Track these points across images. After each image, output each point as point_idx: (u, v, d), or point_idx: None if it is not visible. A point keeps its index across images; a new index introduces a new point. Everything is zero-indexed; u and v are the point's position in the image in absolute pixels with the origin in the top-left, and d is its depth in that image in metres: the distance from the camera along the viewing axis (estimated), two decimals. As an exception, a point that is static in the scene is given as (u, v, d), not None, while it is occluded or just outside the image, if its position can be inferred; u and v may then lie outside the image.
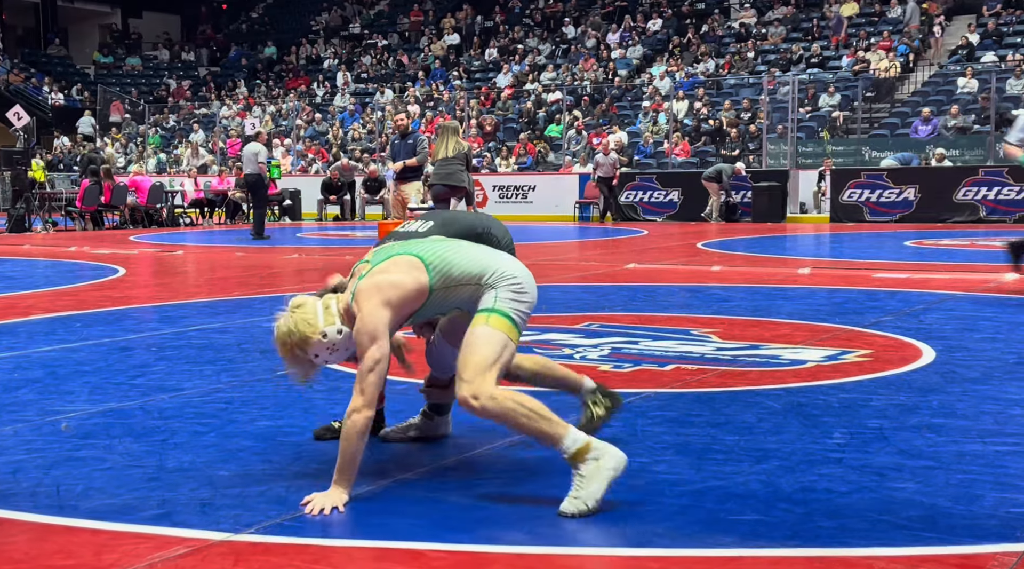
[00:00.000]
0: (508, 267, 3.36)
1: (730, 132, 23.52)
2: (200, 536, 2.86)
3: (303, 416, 4.33)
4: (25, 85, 35.21)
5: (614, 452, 3.09)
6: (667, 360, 5.52)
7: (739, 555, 2.70)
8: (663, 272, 10.66)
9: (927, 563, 2.62)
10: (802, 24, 28.12)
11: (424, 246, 3.37)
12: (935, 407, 4.42)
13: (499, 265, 3.35)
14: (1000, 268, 10.37)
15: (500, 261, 3.38)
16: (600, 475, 3.03)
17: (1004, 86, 22.25)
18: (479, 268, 3.31)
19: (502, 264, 3.36)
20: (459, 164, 11.85)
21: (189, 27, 43.09)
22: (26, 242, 17.09)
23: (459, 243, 3.45)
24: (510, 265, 3.39)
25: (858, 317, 7.07)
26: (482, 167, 24.83)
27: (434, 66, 32.60)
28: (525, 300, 3.33)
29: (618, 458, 3.07)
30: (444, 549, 2.77)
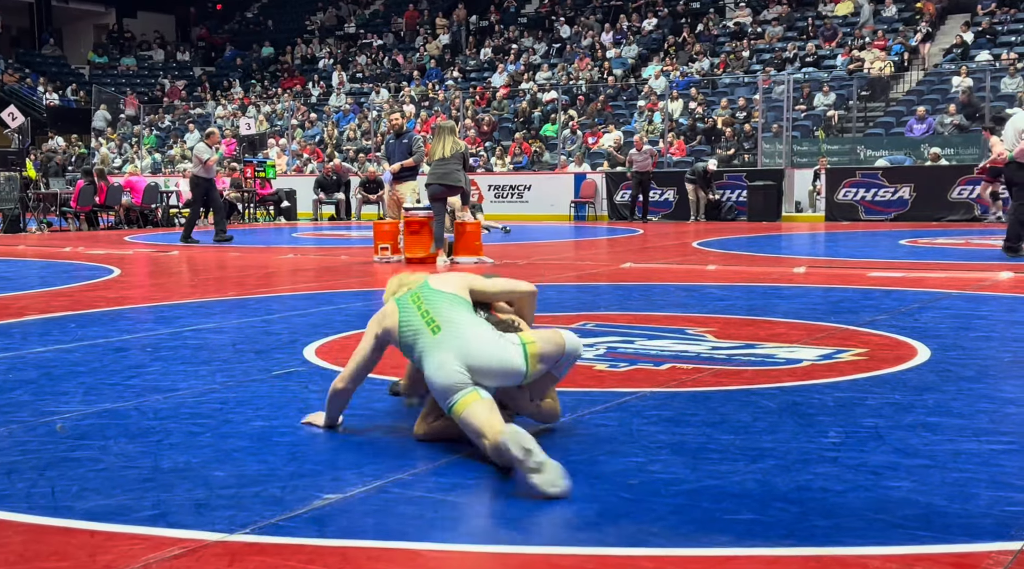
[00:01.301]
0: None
1: (725, 131, 23.54)
2: (195, 537, 2.86)
3: (298, 416, 4.33)
4: (20, 85, 35.15)
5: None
6: (663, 359, 5.52)
7: (735, 554, 2.70)
8: (659, 271, 10.66)
9: (922, 562, 2.62)
10: (797, 23, 28.15)
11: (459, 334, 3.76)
12: (930, 406, 4.42)
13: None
14: (995, 266, 10.38)
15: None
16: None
17: (999, 85, 22.29)
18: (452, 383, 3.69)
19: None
20: (456, 164, 11.86)
21: (184, 27, 43.03)
22: (21, 242, 17.06)
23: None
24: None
25: (853, 316, 7.08)
26: (478, 166, 24.83)
27: (429, 66, 32.60)
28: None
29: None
30: (440, 549, 2.77)
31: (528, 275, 10.42)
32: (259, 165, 23.70)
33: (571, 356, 3.84)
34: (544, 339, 3.77)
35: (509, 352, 3.68)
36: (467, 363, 3.65)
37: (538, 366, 3.73)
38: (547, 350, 3.74)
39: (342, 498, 3.19)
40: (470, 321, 3.77)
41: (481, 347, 3.68)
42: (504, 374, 3.68)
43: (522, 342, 3.72)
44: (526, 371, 3.70)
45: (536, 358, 3.71)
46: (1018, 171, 11.21)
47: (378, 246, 12.61)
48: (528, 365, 3.70)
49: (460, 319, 3.77)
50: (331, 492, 3.24)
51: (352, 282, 10.03)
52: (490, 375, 3.67)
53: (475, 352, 3.66)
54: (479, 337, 3.71)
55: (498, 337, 3.73)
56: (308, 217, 24.72)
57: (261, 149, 28.66)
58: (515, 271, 10.93)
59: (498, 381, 3.70)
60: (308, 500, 3.16)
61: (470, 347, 3.67)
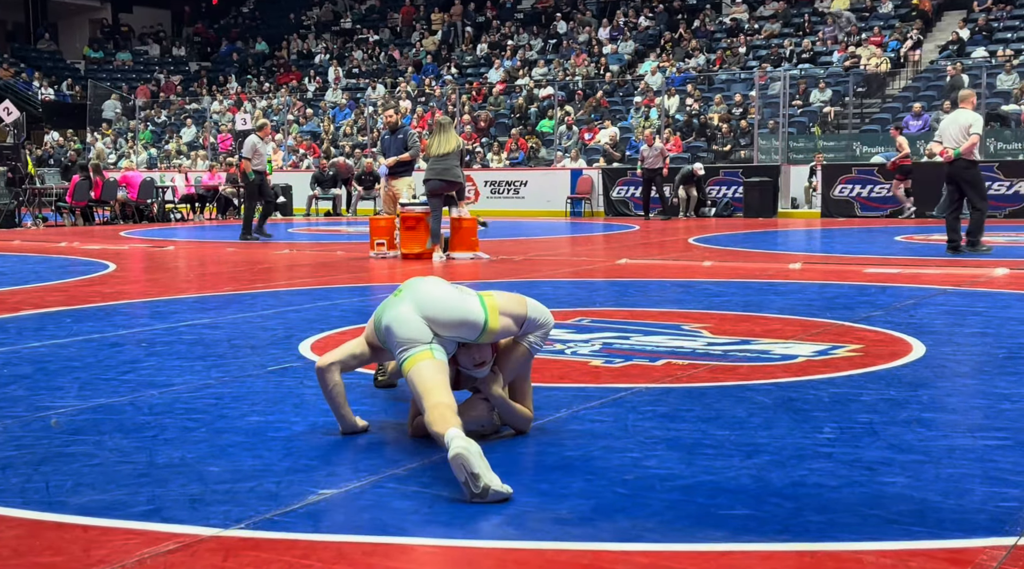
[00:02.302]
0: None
1: (721, 127, 23.55)
2: (190, 532, 2.86)
3: (293, 412, 4.33)
4: (15, 80, 35.06)
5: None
6: (658, 355, 5.53)
7: (729, 550, 2.70)
8: (654, 267, 10.67)
9: (917, 557, 2.63)
10: (793, 19, 28.15)
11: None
12: (925, 402, 4.43)
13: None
14: (990, 263, 10.40)
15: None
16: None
17: (995, 81, 22.30)
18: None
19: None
20: (455, 159, 11.87)
21: (179, 22, 42.95)
22: (16, 237, 17.04)
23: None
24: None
25: (849, 312, 7.09)
26: (474, 162, 24.81)
27: (425, 61, 32.56)
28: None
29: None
30: (435, 544, 2.77)
31: (524, 271, 10.42)
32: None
33: (537, 323, 3.81)
34: (505, 297, 3.80)
35: (467, 302, 3.70)
36: (424, 313, 3.66)
37: (500, 320, 3.70)
38: (508, 306, 3.75)
39: (337, 493, 3.18)
40: (433, 283, 3.80)
41: (437, 296, 3.71)
42: (462, 323, 3.66)
43: (479, 295, 3.76)
44: (485, 320, 3.67)
45: (495, 310, 3.70)
46: (966, 169, 11.22)
47: (374, 242, 12.60)
48: (487, 314, 3.68)
49: (422, 283, 3.80)
50: (326, 487, 3.24)
51: (348, 278, 10.03)
52: (448, 324, 3.66)
53: (432, 301, 3.69)
54: (437, 287, 3.76)
55: (456, 289, 3.77)
56: (301, 213, 24.69)
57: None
58: (511, 266, 10.94)
59: (457, 331, 3.68)
60: (303, 495, 3.16)
61: (427, 296, 3.71)
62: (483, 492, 3.07)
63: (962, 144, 11.14)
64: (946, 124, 11.51)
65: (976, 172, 11.44)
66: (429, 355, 3.58)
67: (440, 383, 3.52)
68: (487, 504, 3.05)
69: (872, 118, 23.61)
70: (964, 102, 11.61)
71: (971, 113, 11.40)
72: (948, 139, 11.33)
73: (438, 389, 3.48)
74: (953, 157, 11.24)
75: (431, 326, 3.65)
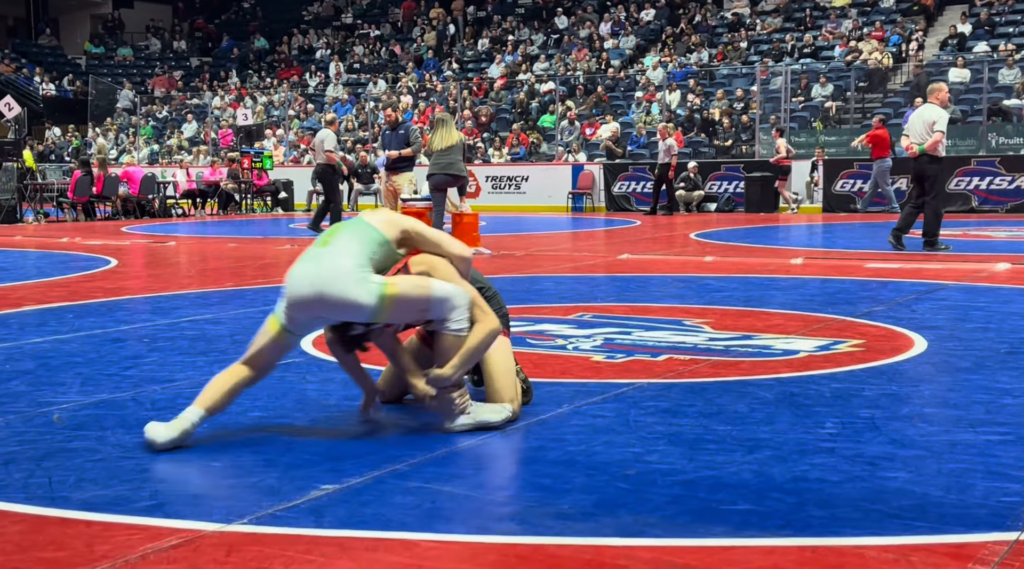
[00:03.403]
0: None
1: (723, 122, 23.53)
2: (193, 527, 2.86)
3: (296, 407, 4.34)
4: (16, 75, 35.05)
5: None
6: (660, 350, 5.53)
7: (731, 545, 2.70)
8: (656, 262, 10.67)
9: (918, 552, 2.63)
10: (795, 14, 28.12)
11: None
12: (927, 397, 4.43)
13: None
14: (992, 258, 10.39)
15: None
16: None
17: (996, 76, 22.27)
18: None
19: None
20: (459, 154, 11.91)
21: (180, 17, 42.91)
22: (18, 233, 17.04)
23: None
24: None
25: (850, 307, 7.09)
26: (475, 157, 24.79)
27: (426, 56, 32.53)
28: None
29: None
30: (437, 539, 2.77)
31: (526, 266, 10.42)
32: (256, 156, 23.66)
33: (447, 305, 3.76)
34: (411, 284, 3.77)
35: (360, 288, 3.68)
36: (316, 289, 3.69)
37: (394, 306, 3.69)
38: (409, 293, 3.73)
39: (339, 488, 3.19)
40: (344, 250, 3.78)
41: (330, 274, 3.71)
42: (341, 304, 3.69)
43: (382, 283, 3.73)
44: (375, 307, 3.67)
45: (391, 299, 3.69)
46: (930, 164, 11.15)
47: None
48: (381, 303, 3.67)
49: (338, 244, 3.81)
50: (328, 482, 3.24)
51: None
52: (330, 302, 3.69)
53: (325, 276, 3.71)
54: (334, 264, 3.73)
55: (357, 269, 3.72)
56: (302, 208, 24.69)
57: (258, 140, 28.60)
58: (512, 262, 10.94)
59: (339, 313, 3.74)
60: (305, 490, 3.16)
61: (319, 270, 3.73)
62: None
63: (927, 140, 11.04)
64: (912, 118, 11.42)
65: (939, 169, 11.30)
66: (276, 324, 3.84)
67: (255, 343, 3.86)
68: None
69: (874, 113, 23.56)
70: (932, 95, 11.44)
71: (937, 108, 11.18)
72: (914, 134, 11.22)
73: (256, 360, 3.84)
74: (918, 153, 11.13)
75: (318, 300, 3.70)
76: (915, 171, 11.37)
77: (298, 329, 3.85)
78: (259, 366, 3.88)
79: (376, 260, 3.79)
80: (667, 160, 20.07)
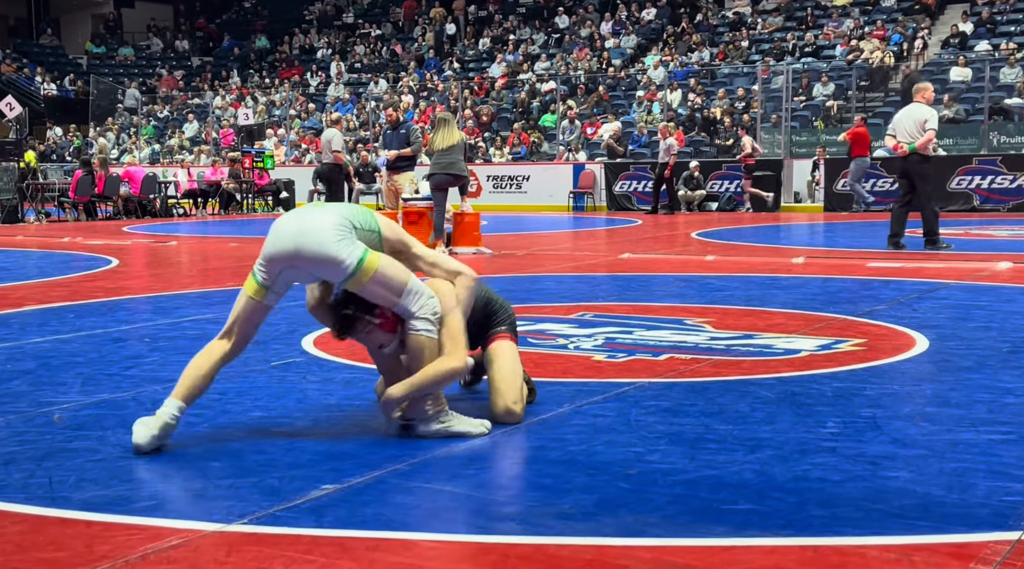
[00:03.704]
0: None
1: (724, 121, 23.52)
2: (193, 527, 2.86)
3: (296, 407, 4.33)
4: (17, 75, 35.07)
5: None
6: (661, 350, 5.52)
7: (732, 544, 2.70)
8: (657, 262, 10.66)
9: (920, 552, 2.62)
10: (796, 13, 28.10)
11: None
12: (928, 396, 4.43)
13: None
14: (994, 257, 10.38)
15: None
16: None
17: (998, 75, 22.25)
18: None
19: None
20: (460, 153, 11.90)
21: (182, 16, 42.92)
22: (19, 233, 17.04)
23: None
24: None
25: (852, 306, 7.08)
26: (476, 157, 24.78)
27: (428, 56, 32.53)
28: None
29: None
30: (437, 539, 2.77)
31: (527, 265, 10.41)
32: (257, 156, 23.67)
33: (417, 298, 3.71)
34: (396, 266, 3.73)
35: (341, 245, 3.63)
36: (296, 242, 3.67)
37: (369, 280, 3.64)
38: (388, 271, 3.69)
39: (340, 488, 3.18)
40: (332, 210, 3.76)
41: (312, 227, 3.68)
42: (320, 257, 3.64)
43: (366, 249, 3.69)
44: (350, 268, 3.62)
45: (370, 269, 3.64)
46: (920, 163, 11.09)
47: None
48: (357, 267, 3.62)
49: (329, 206, 3.82)
50: (329, 482, 3.23)
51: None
52: (307, 255, 3.65)
53: (306, 228, 3.69)
54: (319, 219, 3.71)
55: (340, 227, 3.67)
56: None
57: (259, 139, 28.60)
58: (513, 261, 10.93)
59: (316, 266, 3.68)
60: (306, 490, 3.16)
61: (301, 224, 3.71)
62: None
63: (917, 139, 10.98)
64: (900, 118, 11.31)
65: (929, 168, 11.24)
66: (253, 284, 3.81)
67: (232, 311, 3.86)
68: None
69: (875, 112, 23.56)
70: (919, 94, 11.37)
71: (926, 107, 11.13)
72: (902, 133, 11.12)
73: (234, 333, 3.83)
74: (908, 152, 11.06)
75: (295, 251, 3.66)
76: (903, 170, 11.29)
77: (274, 285, 3.77)
78: (235, 335, 3.82)
79: (360, 233, 3.73)
80: (666, 159, 20.07)
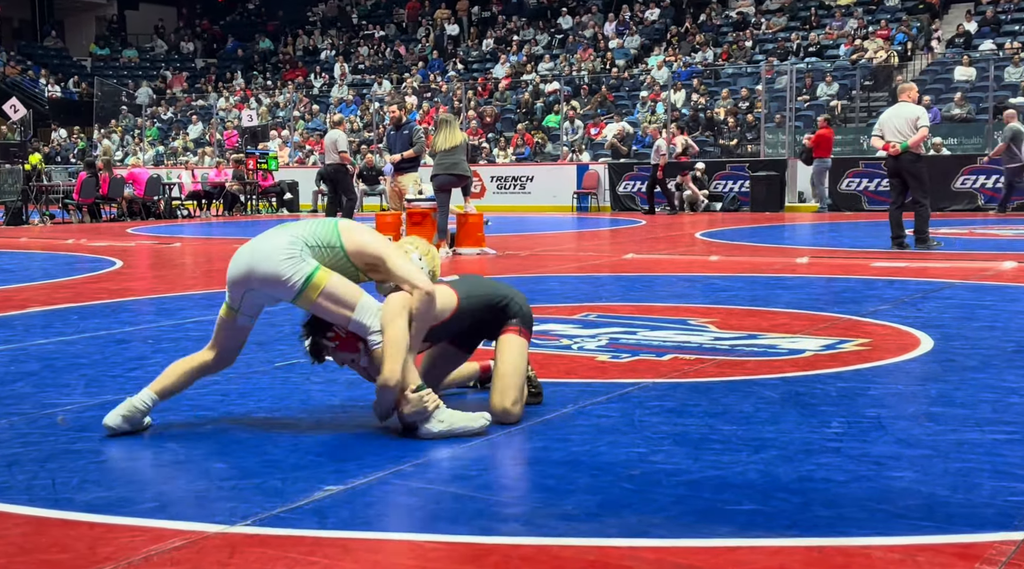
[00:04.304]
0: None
1: (728, 122, 23.50)
2: (196, 528, 2.85)
3: (299, 408, 4.33)
4: (21, 77, 35.11)
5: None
6: (665, 350, 5.52)
7: (737, 545, 2.69)
8: (661, 262, 10.65)
9: (925, 552, 2.62)
10: (800, 13, 28.08)
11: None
12: (933, 396, 4.41)
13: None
14: (998, 256, 10.36)
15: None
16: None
17: (1002, 74, 22.22)
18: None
19: None
20: (463, 154, 11.92)
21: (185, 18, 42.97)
22: (23, 234, 17.06)
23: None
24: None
25: (856, 306, 7.07)
26: (480, 157, 24.78)
27: (431, 57, 32.53)
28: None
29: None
30: (441, 540, 2.76)
31: (531, 266, 10.41)
32: (261, 157, 23.68)
33: (365, 318, 3.78)
34: (345, 286, 3.80)
35: (289, 264, 3.76)
36: (248, 264, 3.83)
37: (319, 297, 3.75)
38: (337, 291, 3.78)
39: (343, 490, 3.18)
40: (286, 231, 3.89)
41: (264, 250, 3.83)
42: (269, 278, 3.79)
43: (316, 267, 3.78)
44: (297, 285, 3.75)
45: (317, 288, 3.75)
46: (913, 162, 11.05)
47: (380, 237, 12.57)
48: (304, 284, 3.74)
49: (286, 227, 3.93)
50: (332, 483, 3.23)
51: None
52: (259, 277, 3.81)
53: (258, 252, 3.84)
54: (270, 241, 3.85)
55: (289, 246, 3.80)
56: (308, 209, 24.70)
57: (263, 141, 28.63)
58: (517, 262, 10.93)
59: (266, 286, 3.81)
60: (309, 491, 3.16)
61: (253, 247, 3.89)
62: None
63: (909, 137, 10.95)
64: (887, 117, 11.26)
65: (922, 166, 11.20)
66: (225, 310, 3.98)
67: (216, 326, 4.02)
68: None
69: (879, 111, 23.49)
70: (904, 94, 11.34)
71: (914, 106, 11.09)
72: (890, 133, 11.06)
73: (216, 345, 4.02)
74: (900, 150, 11.03)
75: (249, 269, 3.83)
76: (895, 169, 11.25)
77: (240, 307, 3.94)
78: (217, 349, 4.02)
79: (316, 251, 3.83)
80: (656, 161, 20.17)
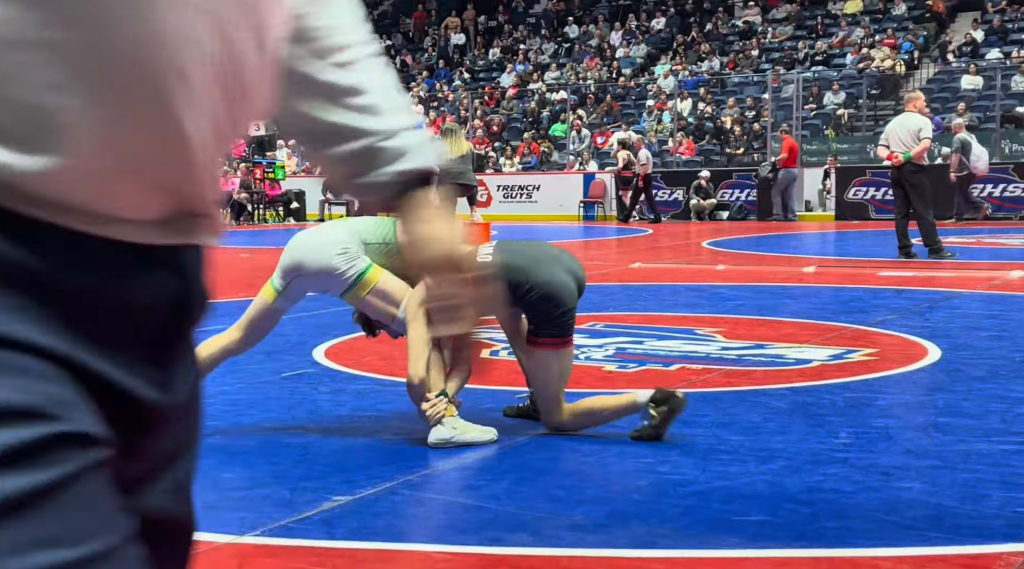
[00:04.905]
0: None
1: (734, 130, 23.51)
2: (205, 539, 2.85)
3: (308, 418, 4.34)
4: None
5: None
6: (672, 360, 5.52)
7: (745, 556, 2.69)
8: (668, 271, 10.65)
9: (933, 563, 2.61)
10: (806, 22, 28.09)
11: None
12: (941, 406, 4.41)
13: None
14: (1006, 265, 10.35)
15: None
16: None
17: (1009, 83, 22.20)
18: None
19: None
20: (468, 163, 11.97)
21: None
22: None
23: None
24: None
25: (863, 316, 7.06)
26: (487, 166, 24.81)
27: (438, 66, 32.60)
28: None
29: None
30: (449, 551, 2.77)
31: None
32: (268, 166, 23.73)
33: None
34: (399, 286, 3.85)
35: (342, 258, 3.84)
36: (302, 255, 3.91)
37: (368, 294, 3.84)
38: (387, 287, 3.84)
39: (352, 500, 3.19)
40: (347, 225, 3.99)
41: (320, 241, 3.92)
42: (322, 270, 3.88)
43: (369, 264, 3.85)
44: (349, 281, 3.83)
45: (368, 285, 3.83)
46: (915, 173, 11.03)
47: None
48: (356, 280, 3.82)
49: (349, 221, 4.05)
50: (341, 494, 3.24)
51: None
52: (312, 268, 3.89)
53: (316, 242, 3.93)
54: (329, 233, 3.96)
55: (346, 241, 3.87)
56: (315, 218, 24.73)
57: (270, 150, 28.69)
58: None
59: (319, 279, 3.91)
60: (318, 502, 3.16)
61: (310, 236, 3.99)
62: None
63: (912, 148, 10.95)
64: (893, 127, 11.28)
65: (924, 177, 11.18)
66: (269, 289, 4.07)
67: (248, 309, 4.16)
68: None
69: (886, 120, 23.48)
70: (911, 104, 11.35)
71: (919, 117, 11.08)
72: (895, 143, 11.08)
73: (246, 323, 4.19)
74: (903, 161, 11.03)
75: (299, 262, 3.90)
76: (897, 179, 11.26)
77: (287, 290, 4.03)
78: (246, 329, 4.14)
79: (373, 248, 3.89)
80: (637, 170, 20.44)
